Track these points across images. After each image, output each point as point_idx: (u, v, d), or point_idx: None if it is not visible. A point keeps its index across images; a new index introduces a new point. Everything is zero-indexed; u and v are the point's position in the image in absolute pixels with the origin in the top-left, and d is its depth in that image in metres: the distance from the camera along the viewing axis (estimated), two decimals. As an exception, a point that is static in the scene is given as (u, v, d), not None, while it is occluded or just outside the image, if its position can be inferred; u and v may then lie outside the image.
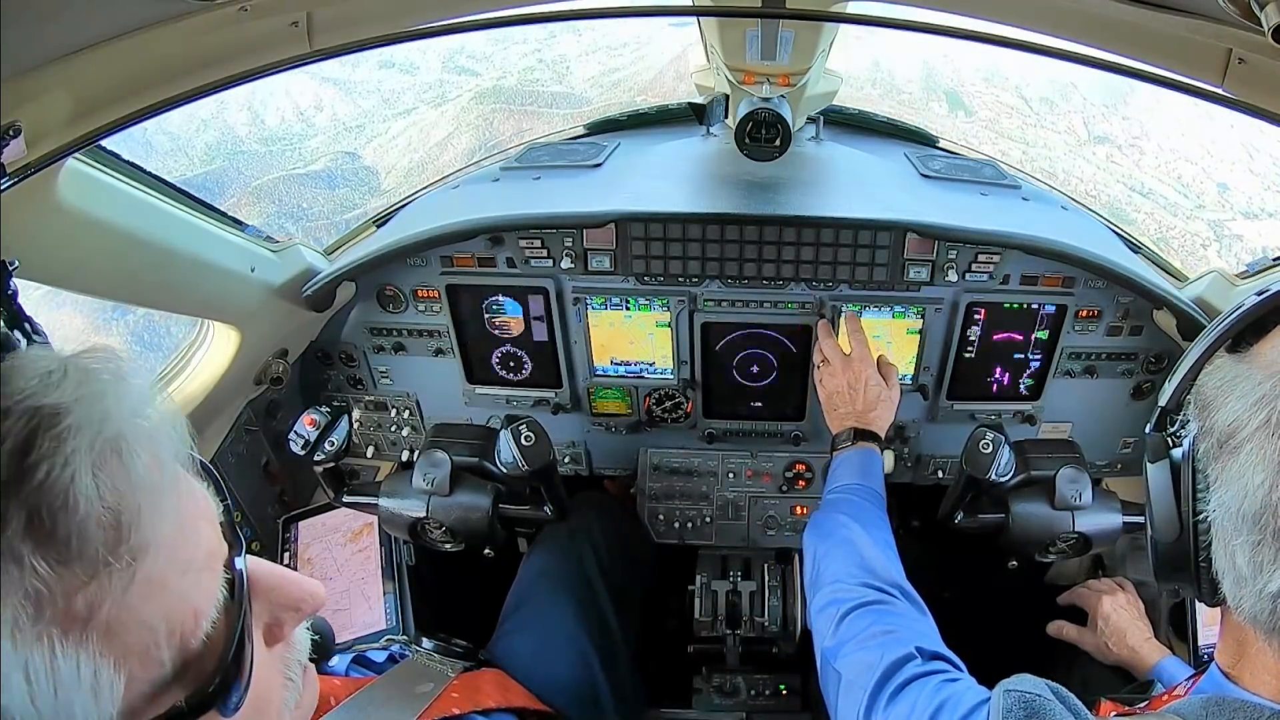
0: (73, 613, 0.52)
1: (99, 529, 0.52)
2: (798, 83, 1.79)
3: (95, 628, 0.53)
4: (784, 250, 2.00)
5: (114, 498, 0.53)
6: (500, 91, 19.15)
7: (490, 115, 17.84)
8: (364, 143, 18.60)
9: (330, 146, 18.00)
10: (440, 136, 17.23)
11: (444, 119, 18.11)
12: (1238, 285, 1.87)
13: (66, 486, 0.51)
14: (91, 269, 1.46)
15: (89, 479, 0.52)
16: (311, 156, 16.38)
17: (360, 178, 15.36)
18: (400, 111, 19.66)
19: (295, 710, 0.74)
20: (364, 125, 19.36)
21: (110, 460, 0.54)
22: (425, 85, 20.51)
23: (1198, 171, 14.14)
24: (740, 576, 2.19)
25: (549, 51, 22.32)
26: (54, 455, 0.51)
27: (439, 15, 1.36)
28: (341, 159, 17.33)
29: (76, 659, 0.52)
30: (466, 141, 16.91)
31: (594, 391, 2.26)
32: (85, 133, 1.12)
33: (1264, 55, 1.08)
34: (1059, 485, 1.70)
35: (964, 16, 1.27)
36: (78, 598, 0.52)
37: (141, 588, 0.55)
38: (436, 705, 1.31)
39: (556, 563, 2.00)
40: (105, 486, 0.53)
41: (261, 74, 1.20)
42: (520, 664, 1.68)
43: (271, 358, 2.10)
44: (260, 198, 21.11)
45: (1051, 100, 16.24)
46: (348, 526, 2.04)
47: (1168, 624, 2.04)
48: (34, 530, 0.50)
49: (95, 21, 1.03)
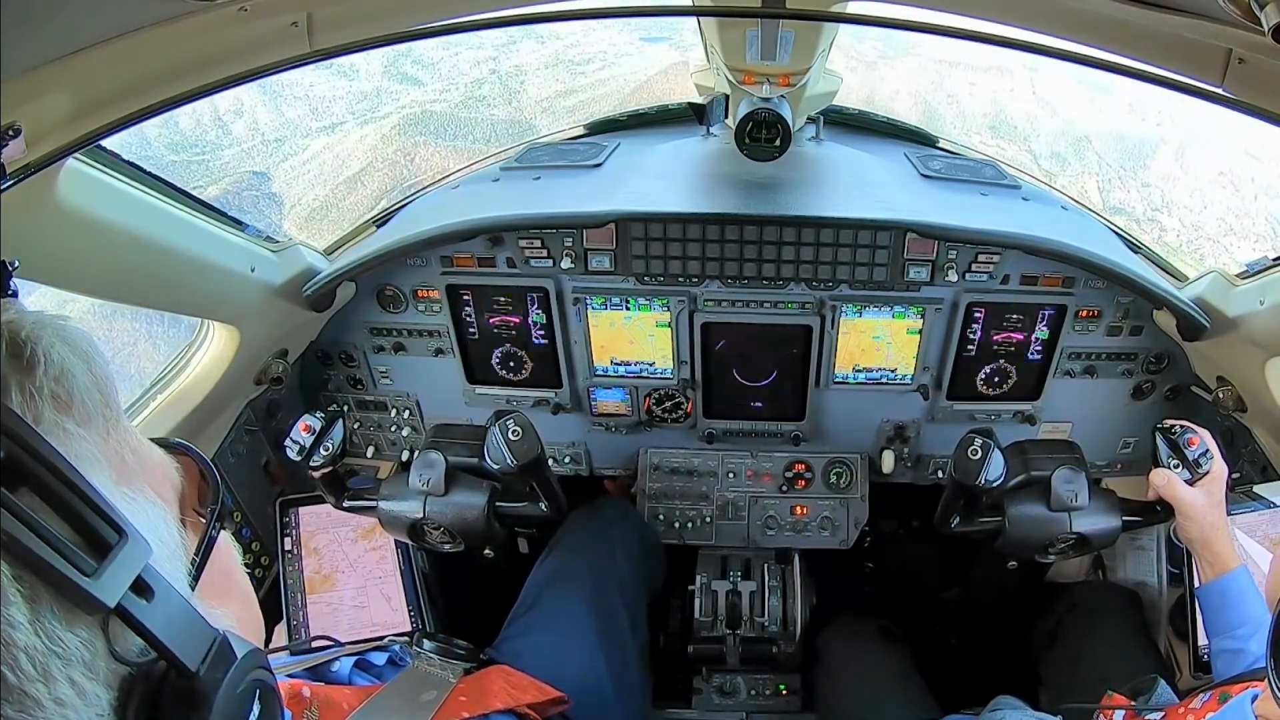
0: (114, 463, 0.64)
1: (92, 391, 0.63)
2: (798, 83, 1.79)
3: (133, 474, 0.65)
4: (784, 250, 2.00)
5: (87, 366, 0.63)
6: (429, 119, 16.85)
7: (412, 150, 15.72)
8: (278, 161, 16.19)
9: (241, 164, 15.65)
10: (351, 173, 15.20)
11: (362, 147, 16.04)
12: (1238, 285, 1.86)
13: (61, 364, 0.60)
14: (91, 269, 1.46)
15: (69, 354, 0.62)
16: (218, 173, 14.80)
17: (260, 208, 13.66)
18: (325, 125, 17.23)
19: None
20: (284, 139, 16.82)
21: (69, 343, 0.63)
22: (360, 94, 18.04)
23: (1220, 251, 13.63)
24: (740, 576, 2.19)
25: (505, 60, 19.46)
26: (38, 343, 0.60)
27: (439, 15, 1.36)
28: (247, 181, 15.09)
29: (145, 502, 0.65)
30: (379, 182, 14.78)
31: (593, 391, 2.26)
32: (85, 133, 1.12)
33: (1264, 55, 1.08)
34: (1055, 486, 1.69)
35: (964, 16, 1.27)
36: (110, 450, 0.63)
37: (133, 438, 0.68)
38: (444, 710, 1.30)
39: (574, 564, 2.00)
40: (78, 358, 0.63)
41: (261, 74, 1.20)
42: (527, 664, 1.68)
43: (271, 358, 2.10)
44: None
45: (1063, 157, 15.53)
46: (357, 521, 2.03)
47: (1168, 624, 2.04)
48: (59, 405, 0.60)
49: (95, 21, 1.03)
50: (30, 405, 0.58)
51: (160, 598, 0.59)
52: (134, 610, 0.56)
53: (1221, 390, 2.01)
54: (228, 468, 2.04)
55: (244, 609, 0.80)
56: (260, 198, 14.40)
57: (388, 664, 1.49)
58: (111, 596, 0.54)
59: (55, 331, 0.63)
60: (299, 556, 2.01)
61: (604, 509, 2.24)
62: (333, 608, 1.98)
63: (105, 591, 0.54)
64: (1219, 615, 1.56)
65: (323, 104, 17.37)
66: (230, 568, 0.80)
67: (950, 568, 2.68)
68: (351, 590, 2.00)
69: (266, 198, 14.64)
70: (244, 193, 14.20)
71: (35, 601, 0.51)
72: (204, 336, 1.95)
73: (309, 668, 1.38)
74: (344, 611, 1.98)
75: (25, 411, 0.57)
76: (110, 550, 0.55)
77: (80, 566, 0.53)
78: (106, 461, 0.63)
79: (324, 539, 2.04)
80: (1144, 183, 14.43)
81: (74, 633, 0.53)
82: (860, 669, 2.02)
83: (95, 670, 0.55)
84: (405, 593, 2.01)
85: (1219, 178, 14.75)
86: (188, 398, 1.91)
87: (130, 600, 0.56)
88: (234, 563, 0.82)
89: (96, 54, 1.07)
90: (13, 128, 1.04)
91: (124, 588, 0.55)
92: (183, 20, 1.12)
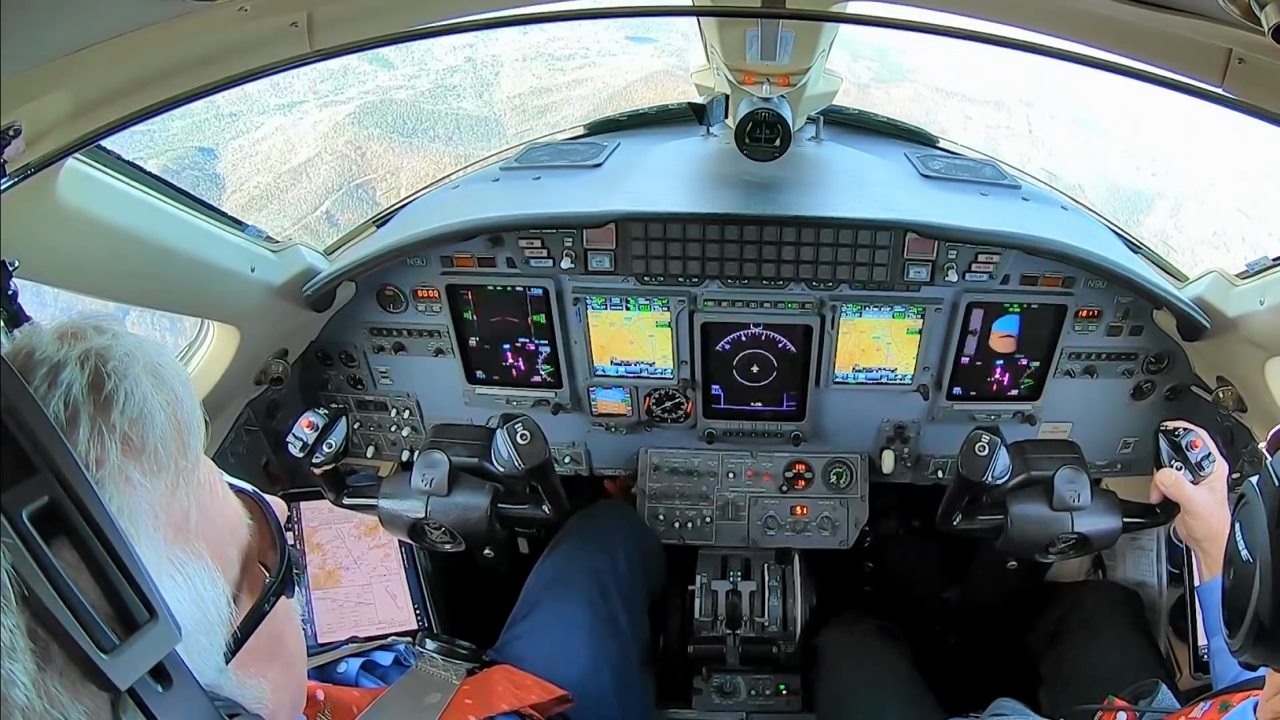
0: (175, 521, 0.60)
1: (170, 439, 0.59)
2: (798, 83, 1.79)
3: (193, 531, 0.61)
4: (784, 250, 2.00)
5: (172, 410, 0.60)
6: (389, 109, 15.43)
7: (364, 143, 14.42)
8: (229, 139, 14.82)
9: (190, 137, 14.22)
10: (299, 161, 14.00)
11: (314, 135, 14.77)
12: (1238, 285, 1.86)
13: (142, 404, 0.57)
14: (91, 269, 1.46)
15: (154, 394, 0.59)
16: (164, 145, 13.36)
17: (198, 189, 12.70)
18: (285, 104, 15.87)
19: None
20: (239, 114, 15.46)
21: (158, 381, 0.60)
22: (327, 72, 16.63)
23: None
24: (740, 577, 2.19)
25: (483, 49, 18.13)
26: (123, 381, 0.57)
27: (439, 15, 1.36)
28: (192, 158, 13.82)
29: (197, 568, 0.61)
30: (324, 176, 13.57)
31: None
32: (85, 133, 1.12)
33: (1264, 55, 1.08)
34: (1057, 486, 1.69)
35: (964, 16, 1.27)
36: (175, 506, 0.60)
37: (207, 491, 0.64)
38: (450, 713, 1.31)
39: (573, 566, 2.00)
40: (164, 400, 0.60)
41: (261, 74, 1.20)
42: (529, 665, 1.68)
43: (271, 358, 2.10)
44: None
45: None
46: (360, 518, 2.03)
47: (1168, 624, 2.04)
48: (129, 449, 0.57)
49: (95, 21, 1.03)
50: (96, 445, 0.55)
51: (178, 687, 0.55)
52: (145, 697, 0.52)
53: (1221, 390, 2.01)
54: (228, 467, 2.02)
55: (285, 672, 0.75)
56: (201, 177, 13.54)
57: (393, 664, 1.50)
58: (125, 679, 0.51)
59: (146, 366, 0.59)
60: (302, 552, 2.01)
61: (602, 511, 2.24)
62: (338, 603, 1.98)
63: (120, 673, 0.51)
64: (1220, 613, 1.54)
65: (285, 79, 16.10)
66: (282, 632, 0.74)
67: (950, 568, 2.67)
68: (356, 587, 2.01)
69: (208, 178, 13.76)
70: (186, 170, 13.34)
71: (45, 663, 0.49)
72: (204, 336, 1.95)
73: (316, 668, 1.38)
74: (349, 608, 1.98)
75: (89, 451, 0.54)
76: (137, 629, 0.52)
77: (99, 641, 0.50)
78: (166, 518, 0.59)
79: (327, 534, 2.04)
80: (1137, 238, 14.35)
81: (80, 703, 0.50)
82: (860, 669, 2.02)
83: None
84: (410, 590, 2.01)
85: (1212, 237, 14.58)
86: None
87: (145, 685, 0.52)
88: (288, 624, 0.76)
89: (96, 54, 1.07)
90: (13, 128, 1.04)
91: (142, 672, 0.52)
92: (183, 20, 1.12)
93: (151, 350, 0.61)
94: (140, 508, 0.57)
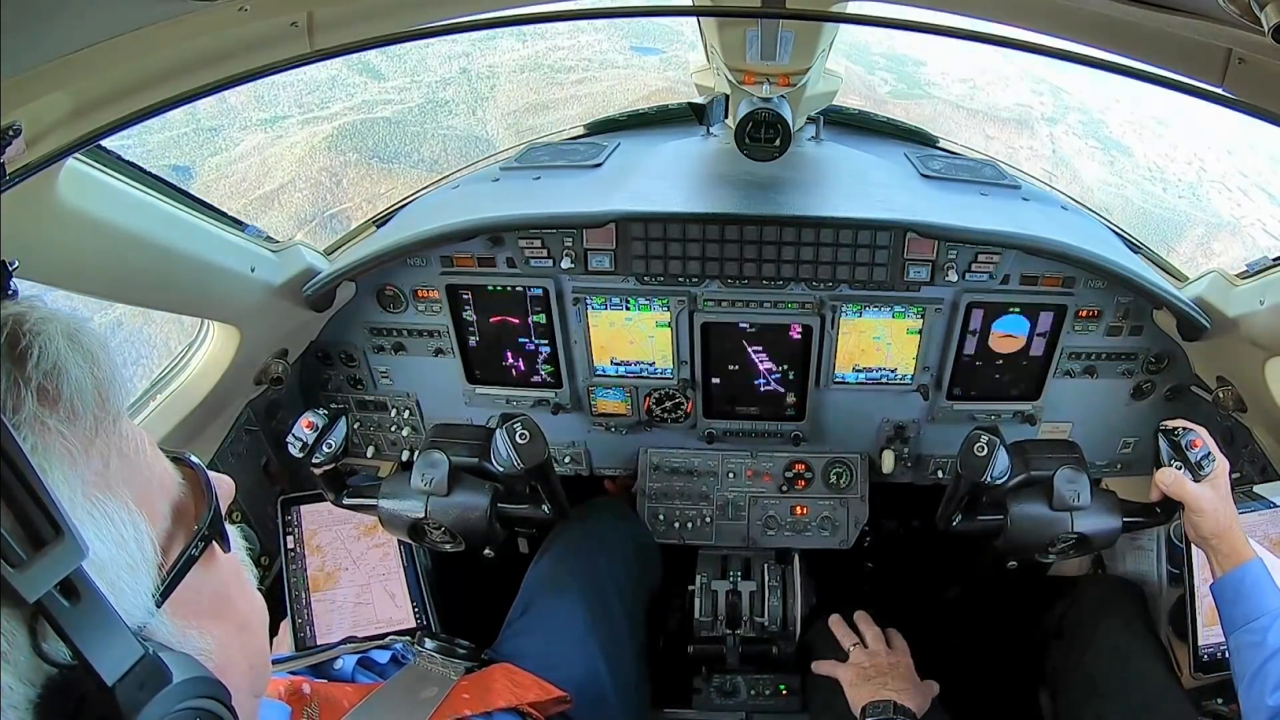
0: (94, 466, 0.63)
1: (87, 391, 0.63)
2: (798, 83, 1.79)
3: (113, 477, 0.64)
4: (784, 250, 2.00)
5: (89, 366, 0.63)
6: (371, 129, 14.81)
7: (340, 171, 13.99)
8: (206, 156, 14.60)
9: (167, 152, 14.06)
10: (273, 186, 13.65)
11: (290, 157, 14.31)
12: (1238, 285, 1.86)
13: (56, 358, 0.61)
14: (91, 269, 1.46)
15: (69, 351, 0.62)
16: (139, 160, 12.61)
17: None
18: (267, 119, 15.49)
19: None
20: (220, 129, 15.22)
21: (74, 341, 0.64)
22: (314, 84, 16.16)
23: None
24: (740, 576, 2.19)
25: (479, 59, 17.51)
26: (37, 338, 0.60)
27: (439, 15, 1.36)
28: (166, 176, 13.86)
29: (116, 508, 0.63)
30: (297, 204, 13.22)
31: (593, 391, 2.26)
32: (85, 133, 1.12)
33: (1264, 55, 1.08)
34: (1057, 486, 1.69)
35: (964, 16, 1.27)
36: (94, 452, 0.63)
37: (131, 445, 0.67)
38: (445, 707, 1.30)
39: (568, 566, 2.00)
40: (80, 357, 0.63)
41: (261, 74, 1.19)
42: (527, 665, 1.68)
43: (271, 358, 2.10)
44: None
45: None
46: (359, 519, 2.03)
47: (1168, 624, 2.04)
48: (45, 398, 0.60)
49: (95, 21, 1.03)
50: (12, 394, 0.58)
51: (87, 603, 0.57)
52: (55, 610, 0.55)
53: (1221, 390, 2.01)
54: (227, 467, 2.03)
55: (236, 635, 0.76)
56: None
57: (390, 662, 1.49)
58: (33, 592, 0.54)
59: (61, 328, 0.63)
60: (302, 555, 2.01)
61: (596, 509, 2.23)
62: (337, 605, 1.98)
63: (28, 585, 0.54)
64: (1235, 609, 1.52)
65: (270, 89, 15.88)
66: (226, 590, 0.76)
67: (950, 567, 2.68)
68: (355, 587, 2.01)
69: (182, 202, 13.45)
70: (160, 188, 13.08)
71: None
72: (204, 336, 1.95)
73: (312, 665, 1.38)
74: (348, 608, 1.99)
75: (6, 400, 0.58)
76: (44, 546, 0.55)
77: (8, 557, 0.53)
78: (85, 461, 0.62)
79: (327, 536, 2.04)
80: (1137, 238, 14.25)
81: None
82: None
83: (15, 663, 0.55)
84: (409, 589, 2.01)
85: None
86: (187, 397, 1.91)
87: (53, 599, 0.55)
88: (235, 587, 0.78)
89: (96, 54, 1.07)
90: (13, 128, 1.04)
91: (49, 585, 0.55)
92: (183, 20, 1.12)
93: (69, 318, 0.65)
94: (55, 449, 0.60)
